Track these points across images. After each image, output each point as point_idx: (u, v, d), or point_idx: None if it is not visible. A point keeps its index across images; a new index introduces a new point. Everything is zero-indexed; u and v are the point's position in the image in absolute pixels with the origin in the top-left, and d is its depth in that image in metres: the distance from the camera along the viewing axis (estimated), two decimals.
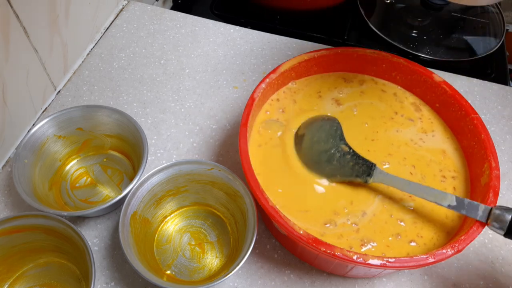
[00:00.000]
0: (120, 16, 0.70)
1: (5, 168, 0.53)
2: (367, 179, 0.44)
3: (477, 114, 0.46)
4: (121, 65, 0.64)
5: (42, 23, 0.53)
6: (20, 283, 0.44)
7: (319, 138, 0.46)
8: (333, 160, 0.45)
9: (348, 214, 0.43)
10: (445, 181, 0.45)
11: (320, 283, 0.46)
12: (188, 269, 0.45)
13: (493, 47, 0.72)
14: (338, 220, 0.42)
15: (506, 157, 0.56)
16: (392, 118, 0.50)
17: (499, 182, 0.41)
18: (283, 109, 0.50)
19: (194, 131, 0.57)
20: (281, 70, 0.49)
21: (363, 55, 0.51)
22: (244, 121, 0.45)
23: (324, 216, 0.43)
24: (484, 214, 0.39)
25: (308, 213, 0.43)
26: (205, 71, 0.64)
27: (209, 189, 0.48)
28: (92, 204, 0.50)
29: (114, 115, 0.50)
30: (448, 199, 0.40)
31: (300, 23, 0.77)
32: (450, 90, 0.48)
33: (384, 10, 0.80)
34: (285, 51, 0.66)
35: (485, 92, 0.63)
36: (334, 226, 0.42)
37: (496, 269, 0.47)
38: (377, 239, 0.41)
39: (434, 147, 0.48)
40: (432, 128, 0.49)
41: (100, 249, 0.47)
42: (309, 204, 0.43)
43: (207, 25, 0.70)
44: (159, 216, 0.48)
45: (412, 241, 0.42)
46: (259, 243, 0.48)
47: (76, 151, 0.52)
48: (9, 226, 0.41)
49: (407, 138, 0.49)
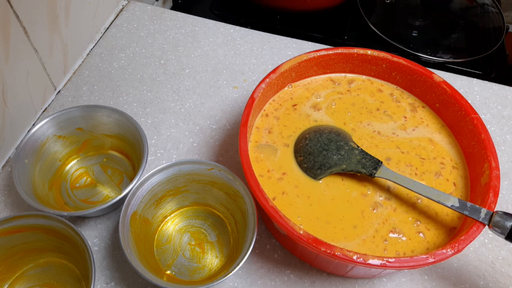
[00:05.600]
0: (120, 16, 0.70)
1: (5, 168, 0.53)
2: (372, 172, 0.44)
3: (477, 114, 0.46)
4: (121, 65, 0.64)
5: (42, 23, 0.53)
6: (20, 283, 0.44)
7: (330, 135, 0.47)
8: (342, 151, 0.45)
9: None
10: (443, 180, 0.46)
11: (320, 283, 0.46)
12: (188, 269, 0.45)
13: (493, 47, 0.72)
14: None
15: (506, 157, 0.56)
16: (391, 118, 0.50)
17: (499, 182, 0.41)
18: (269, 129, 0.49)
19: (194, 131, 0.57)
20: (281, 70, 0.49)
21: (363, 55, 0.51)
22: (244, 121, 0.45)
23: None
24: (486, 217, 0.39)
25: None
26: (205, 71, 0.64)
27: (209, 189, 0.48)
28: (92, 204, 0.50)
29: (114, 115, 0.50)
30: (451, 200, 0.41)
31: (300, 23, 0.77)
32: (450, 90, 0.48)
33: (384, 10, 0.80)
34: (285, 51, 0.66)
35: (485, 92, 0.63)
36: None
37: (496, 269, 0.47)
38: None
39: (421, 141, 0.48)
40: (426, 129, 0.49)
41: (100, 249, 0.47)
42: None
43: (207, 25, 0.70)
44: (159, 216, 0.48)
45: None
46: (259, 243, 0.48)
47: (76, 151, 0.52)
48: (9, 226, 0.41)
49: (407, 138, 0.49)
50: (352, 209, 0.43)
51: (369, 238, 0.42)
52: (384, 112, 0.51)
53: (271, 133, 0.48)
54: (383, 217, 0.43)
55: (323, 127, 0.49)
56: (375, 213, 0.43)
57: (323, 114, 0.50)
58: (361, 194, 0.44)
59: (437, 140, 0.49)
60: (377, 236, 0.42)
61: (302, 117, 0.50)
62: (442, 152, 0.48)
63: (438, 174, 0.46)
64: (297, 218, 0.43)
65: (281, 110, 0.50)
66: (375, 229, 0.42)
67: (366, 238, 0.42)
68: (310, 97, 0.52)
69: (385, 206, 0.44)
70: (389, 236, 0.42)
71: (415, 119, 0.50)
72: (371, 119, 0.50)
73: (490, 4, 0.81)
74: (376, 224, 0.43)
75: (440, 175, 0.46)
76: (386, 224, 0.43)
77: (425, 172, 0.46)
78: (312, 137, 0.47)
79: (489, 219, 0.39)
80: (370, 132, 0.49)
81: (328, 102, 0.51)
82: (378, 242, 0.42)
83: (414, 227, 0.43)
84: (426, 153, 0.48)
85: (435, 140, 0.49)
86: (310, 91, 0.52)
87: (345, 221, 0.43)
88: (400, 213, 0.44)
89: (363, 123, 0.50)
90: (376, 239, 0.42)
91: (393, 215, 0.43)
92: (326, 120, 0.50)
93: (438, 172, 0.46)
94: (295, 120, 0.50)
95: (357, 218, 0.43)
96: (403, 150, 0.48)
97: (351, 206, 0.44)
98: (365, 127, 0.50)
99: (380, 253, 0.41)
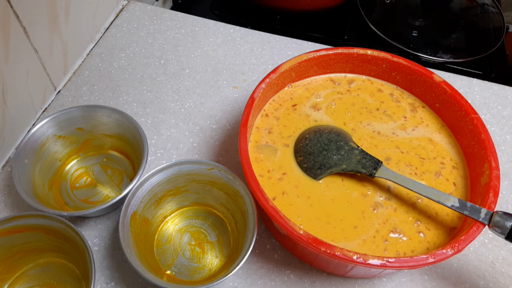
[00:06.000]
0: (120, 16, 0.70)
1: (5, 168, 0.53)
2: (372, 172, 0.44)
3: (477, 114, 0.46)
4: (121, 65, 0.64)
5: (42, 23, 0.53)
6: (20, 283, 0.44)
7: (330, 135, 0.47)
8: (342, 151, 0.45)
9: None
10: (443, 180, 0.46)
11: (320, 283, 0.46)
12: (188, 269, 0.45)
13: (493, 47, 0.72)
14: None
15: (506, 157, 0.56)
16: (391, 118, 0.50)
17: (499, 182, 0.41)
18: (269, 129, 0.49)
19: (194, 131, 0.57)
20: (281, 70, 0.49)
21: (363, 55, 0.51)
22: (244, 121, 0.45)
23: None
24: (486, 217, 0.39)
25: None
26: (205, 71, 0.64)
27: (209, 189, 0.48)
28: (92, 204, 0.50)
29: (114, 115, 0.50)
30: (451, 200, 0.41)
31: (300, 23, 0.77)
32: (450, 90, 0.48)
33: (384, 10, 0.80)
34: (285, 51, 0.66)
35: (485, 92, 0.63)
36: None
37: (496, 269, 0.47)
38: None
39: (421, 141, 0.48)
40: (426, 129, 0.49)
41: (100, 249, 0.47)
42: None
43: (207, 25, 0.70)
44: (159, 216, 0.48)
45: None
46: (259, 243, 0.48)
47: (76, 151, 0.52)
48: (9, 226, 0.41)
49: (407, 137, 0.49)
50: (352, 210, 0.43)
51: (369, 239, 0.42)
52: (384, 112, 0.51)
53: (271, 133, 0.48)
54: (384, 217, 0.43)
55: (323, 127, 0.49)
56: (375, 214, 0.43)
57: (323, 114, 0.50)
58: (362, 194, 0.44)
59: (437, 140, 0.49)
60: (377, 236, 0.42)
61: (302, 117, 0.50)
62: (442, 152, 0.48)
63: (438, 174, 0.46)
64: (297, 218, 0.43)
65: (281, 110, 0.50)
66: (376, 229, 0.42)
67: (367, 238, 0.42)
68: (310, 97, 0.52)
69: (385, 206, 0.44)
70: (389, 236, 0.42)
71: (415, 119, 0.50)
72: (371, 119, 0.50)
73: (490, 4, 0.81)
74: (376, 224, 0.43)
75: (440, 175, 0.46)
76: (386, 224, 0.43)
77: (425, 172, 0.46)
78: (312, 137, 0.47)
79: (489, 219, 0.39)
80: (370, 132, 0.49)
81: (328, 102, 0.51)
82: (378, 242, 0.42)
83: (415, 227, 0.43)
84: (426, 153, 0.48)
85: (435, 140, 0.49)
86: (310, 91, 0.52)
87: (346, 222, 0.43)
88: (400, 213, 0.44)
89: (363, 123, 0.50)
90: (376, 239, 0.42)
91: (393, 215, 0.43)
92: (326, 120, 0.50)
93: (438, 172, 0.46)
94: (295, 120, 0.50)
95: (357, 219, 0.43)
96: (402, 150, 0.48)
97: (352, 207, 0.44)
98: (365, 127, 0.50)
99: (380, 253, 0.41)
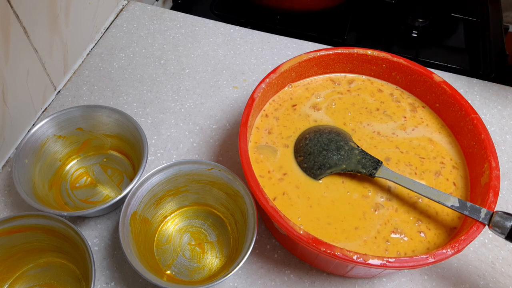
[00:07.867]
0: (120, 16, 0.70)
1: (5, 168, 0.53)
2: (372, 172, 0.44)
3: (477, 114, 0.46)
4: (121, 65, 0.64)
5: (42, 23, 0.53)
6: (20, 283, 0.44)
7: (330, 135, 0.47)
8: (341, 151, 0.45)
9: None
10: (443, 180, 0.46)
11: (320, 283, 0.46)
12: (188, 269, 0.45)
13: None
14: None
15: (506, 157, 0.56)
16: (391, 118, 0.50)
17: (499, 182, 0.41)
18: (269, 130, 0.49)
19: (194, 131, 0.57)
20: (281, 70, 0.49)
21: (363, 55, 0.51)
22: (244, 121, 0.45)
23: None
24: (486, 217, 0.39)
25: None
26: (205, 71, 0.64)
27: (209, 189, 0.48)
28: (92, 204, 0.50)
29: (114, 115, 0.50)
30: (451, 200, 0.41)
31: (300, 23, 0.77)
32: (450, 90, 0.48)
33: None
34: (285, 51, 0.66)
35: (485, 92, 0.63)
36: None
37: (496, 269, 0.47)
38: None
39: (421, 140, 0.48)
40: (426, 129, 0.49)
41: (100, 249, 0.47)
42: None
43: (207, 25, 0.70)
44: (159, 216, 0.48)
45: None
46: (259, 243, 0.48)
47: (76, 151, 0.52)
48: (9, 226, 0.41)
49: (407, 137, 0.49)
50: (353, 211, 0.43)
51: (370, 239, 0.42)
52: (384, 112, 0.51)
53: (271, 133, 0.48)
54: (385, 218, 0.43)
55: (323, 127, 0.49)
56: (376, 214, 0.43)
57: (323, 114, 0.50)
58: (362, 195, 0.44)
59: (437, 140, 0.49)
60: (379, 237, 0.42)
61: (302, 117, 0.50)
62: (442, 152, 0.48)
63: (438, 173, 0.46)
64: (297, 218, 0.43)
65: (281, 110, 0.50)
66: (377, 230, 0.42)
67: (368, 239, 0.42)
68: (310, 97, 0.52)
69: (386, 207, 0.44)
70: (391, 237, 0.42)
71: (415, 119, 0.50)
72: (371, 119, 0.50)
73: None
74: (378, 225, 0.43)
75: (440, 175, 0.46)
76: (388, 224, 0.43)
77: (425, 171, 0.46)
78: (312, 137, 0.47)
79: (489, 219, 0.39)
80: (370, 132, 0.49)
81: (328, 102, 0.51)
82: (379, 242, 0.42)
83: (416, 226, 0.43)
84: (426, 153, 0.48)
85: (435, 140, 0.49)
86: (310, 91, 0.52)
87: (346, 223, 0.43)
88: (401, 213, 0.43)
89: (363, 123, 0.50)
90: (377, 240, 0.42)
91: (394, 215, 0.43)
92: (326, 120, 0.50)
93: (438, 172, 0.46)
94: (295, 121, 0.50)
95: (358, 220, 0.43)
96: (402, 150, 0.48)
97: (352, 208, 0.44)
98: (365, 127, 0.50)
99: (381, 254, 0.41)
